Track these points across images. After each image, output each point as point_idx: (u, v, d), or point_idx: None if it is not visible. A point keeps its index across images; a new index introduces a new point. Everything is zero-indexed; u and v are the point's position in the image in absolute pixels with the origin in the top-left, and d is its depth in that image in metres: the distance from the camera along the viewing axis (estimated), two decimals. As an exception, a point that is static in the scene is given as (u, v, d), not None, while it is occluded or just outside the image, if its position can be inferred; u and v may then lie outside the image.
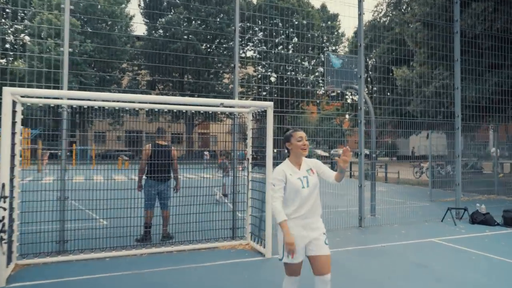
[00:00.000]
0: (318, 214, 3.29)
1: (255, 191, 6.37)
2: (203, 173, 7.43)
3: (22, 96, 5.34)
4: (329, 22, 36.16)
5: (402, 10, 24.23)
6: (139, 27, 40.42)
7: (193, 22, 30.71)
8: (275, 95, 32.87)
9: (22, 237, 5.62)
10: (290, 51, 35.04)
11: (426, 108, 13.68)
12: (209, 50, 32.01)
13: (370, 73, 32.44)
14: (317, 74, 36.07)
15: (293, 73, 32.62)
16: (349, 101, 32.96)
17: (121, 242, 6.07)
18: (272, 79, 34.73)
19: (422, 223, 8.55)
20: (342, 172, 3.15)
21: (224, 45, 32.94)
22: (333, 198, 12.86)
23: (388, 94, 23.42)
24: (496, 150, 14.78)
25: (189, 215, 6.27)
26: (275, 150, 6.32)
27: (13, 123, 5.20)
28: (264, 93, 34.52)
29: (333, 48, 35.30)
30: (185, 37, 31.18)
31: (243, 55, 34.90)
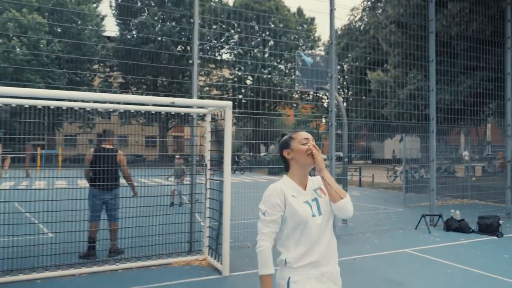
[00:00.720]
0: (336, 257, 2.22)
1: (214, 200, 5.76)
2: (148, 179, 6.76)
3: None
4: (305, 26, 35.97)
5: (378, 13, 24.16)
6: (111, 28, 39.29)
7: (167, 23, 29.93)
8: (251, 97, 32.43)
9: None
10: (267, 55, 34.69)
11: (400, 111, 13.39)
12: (182, 52, 31.28)
13: (346, 77, 32.35)
14: (293, 77, 35.78)
15: (269, 76, 32.22)
16: (325, 104, 32.81)
17: (58, 260, 5.24)
18: (248, 81, 34.28)
19: (395, 231, 8.12)
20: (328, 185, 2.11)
21: (200, 47, 32.26)
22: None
23: (364, 97, 23.27)
24: (469, 154, 14.63)
25: (140, 228, 5.58)
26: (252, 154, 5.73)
27: None
28: (240, 96, 34.01)
29: (310, 51, 35.13)
30: (159, 38, 30.35)
31: (218, 57, 34.37)
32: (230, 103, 5.32)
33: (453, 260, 5.92)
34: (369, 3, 26.38)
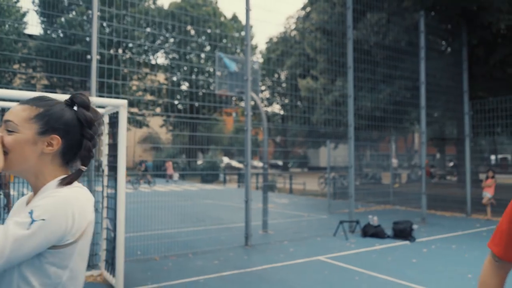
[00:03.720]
0: None
1: (110, 209, 5.21)
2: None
3: None
4: (242, 33, 35.98)
5: (305, 20, 24.70)
6: (33, 26, 36.77)
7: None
8: (187, 104, 31.72)
9: None
10: (202, 60, 34.22)
11: (327, 117, 13.54)
12: (115, 54, 29.92)
13: (284, 85, 32.73)
14: (217, 84, 35.69)
15: (205, 82, 31.73)
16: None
17: None
18: (184, 87, 33.56)
19: (314, 238, 7.99)
20: None
21: (132, 50, 31.05)
22: (230, 211, 12.02)
23: (298, 104, 23.56)
24: (394, 161, 15.16)
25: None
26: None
27: None
28: (176, 101, 33.15)
29: (239, 56, 35.18)
30: (87, 39, 28.75)
31: (153, 62, 33.32)
32: (125, 101, 4.83)
33: (363, 266, 5.83)
34: (303, 11, 26.89)
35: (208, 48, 34.17)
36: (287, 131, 27.58)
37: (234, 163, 36.53)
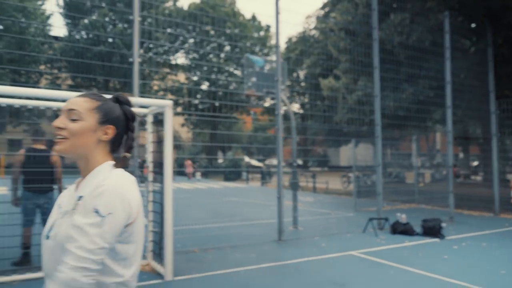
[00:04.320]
0: None
1: (157, 203, 5.52)
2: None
3: None
4: (262, 33, 36.25)
5: (328, 20, 24.78)
6: (58, 27, 37.67)
7: (119, 25, 29.07)
8: (207, 104, 32.12)
9: None
10: (222, 60, 34.56)
11: (352, 116, 13.67)
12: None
13: (302, 84, 32.86)
14: (250, 84, 35.98)
15: (225, 81, 32.10)
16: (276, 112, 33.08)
17: None
18: (204, 87, 33.97)
19: (344, 234, 8.19)
20: None
21: (154, 51, 31.59)
22: (257, 209, 12.32)
23: (318, 103, 23.68)
24: (417, 160, 15.19)
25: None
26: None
27: None
28: (197, 101, 33.60)
29: (265, 58, 35.41)
30: (110, 40, 29.43)
31: (173, 61, 33.84)
32: (171, 102, 5.13)
33: (396, 261, 6.01)
34: (322, 11, 27.00)
35: (227, 48, 34.50)
36: (307, 129, 27.72)
37: (254, 162, 36.81)
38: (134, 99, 5.46)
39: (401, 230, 8.18)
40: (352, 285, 4.93)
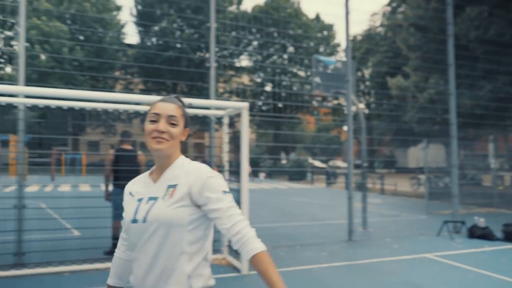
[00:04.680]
0: (173, 283, 1.49)
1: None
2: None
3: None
4: (325, 32, 35.92)
5: (397, 16, 23.97)
6: (131, 35, 40.14)
7: (186, 31, 30.36)
8: (270, 104, 32.48)
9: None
10: (286, 61, 34.73)
11: (422, 115, 13.20)
12: (200, 58, 31.66)
13: (367, 83, 32.08)
14: (311, 81, 35.85)
15: (289, 82, 32.25)
16: (346, 111, 32.57)
17: (87, 254, 5.60)
18: (268, 88, 34.37)
19: (416, 237, 7.98)
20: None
21: (218, 54, 32.56)
22: (324, 209, 12.32)
23: (385, 102, 23.03)
24: (495, 162, 14.25)
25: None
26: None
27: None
28: (260, 103, 34.13)
29: (329, 57, 34.99)
30: (178, 45, 30.80)
31: (237, 64, 34.63)
32: (247, 104, 5.37)
33: (476, 265, 5.78)
34: (389, 7, 26.18)
35: (291, 49, 34.61)
36: (373, 130, 27.03)
37: (317, 163, 36.56)
38: (211, 102, 5.80)
39: (480, 234, 7.79)
40: (429, 286, 4.84)
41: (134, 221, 1.54)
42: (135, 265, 1.56)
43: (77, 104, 5.49)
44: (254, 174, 26.90)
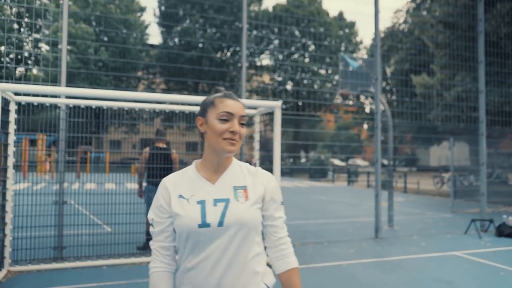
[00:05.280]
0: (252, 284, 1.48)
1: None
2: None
3: (16, 94, 5.09)
4: (346, 30, 35.69)
5: (423, 13, 23.63)
6: (154, 36, 40.78)
7: (208, 30, 30.71)
8: (291, 103, 32.51)
9: (17, 243, 5.36)
10: (307, 59, 34.67)
11: (448, 113, 13.06)
12: (223, 59, 31.94)
13: (389, 81, 31.74)
14: (335, 83, 35.67)
15: (310, 81, 32.21)
16: (367, 110, 32.34)
17: (121, 249, 5.82)
18: (288, 87, 34.40)
19: (443, 235, 7.97)
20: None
21: (239, 54, 32.77)
22: (347, 207, 12.36)
23: (408, 100, 22.75)
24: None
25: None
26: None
27: (6, 123, 4.97)
28: (281, 101, 34.15)
29: (352, 55, 34.75)
30: (200, 45, 31.16)
31: (259, 63, 34.77)
32: (280, 103, 5.51)
33: (506, 263, 5.78)
34: (413, 4, 25.86)
35: (312, 47, 34.55)
36: (396, 128, 26.76)
37: (337, 162, 36.42)
38: (243, 101, 5.95)
39: (509, 233, 7.73)
40: (460, 283, 4.89)
41: (205, 225, 1.42)
42: (200, 272, 1.43)
43: (104, 104, 5.72)
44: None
